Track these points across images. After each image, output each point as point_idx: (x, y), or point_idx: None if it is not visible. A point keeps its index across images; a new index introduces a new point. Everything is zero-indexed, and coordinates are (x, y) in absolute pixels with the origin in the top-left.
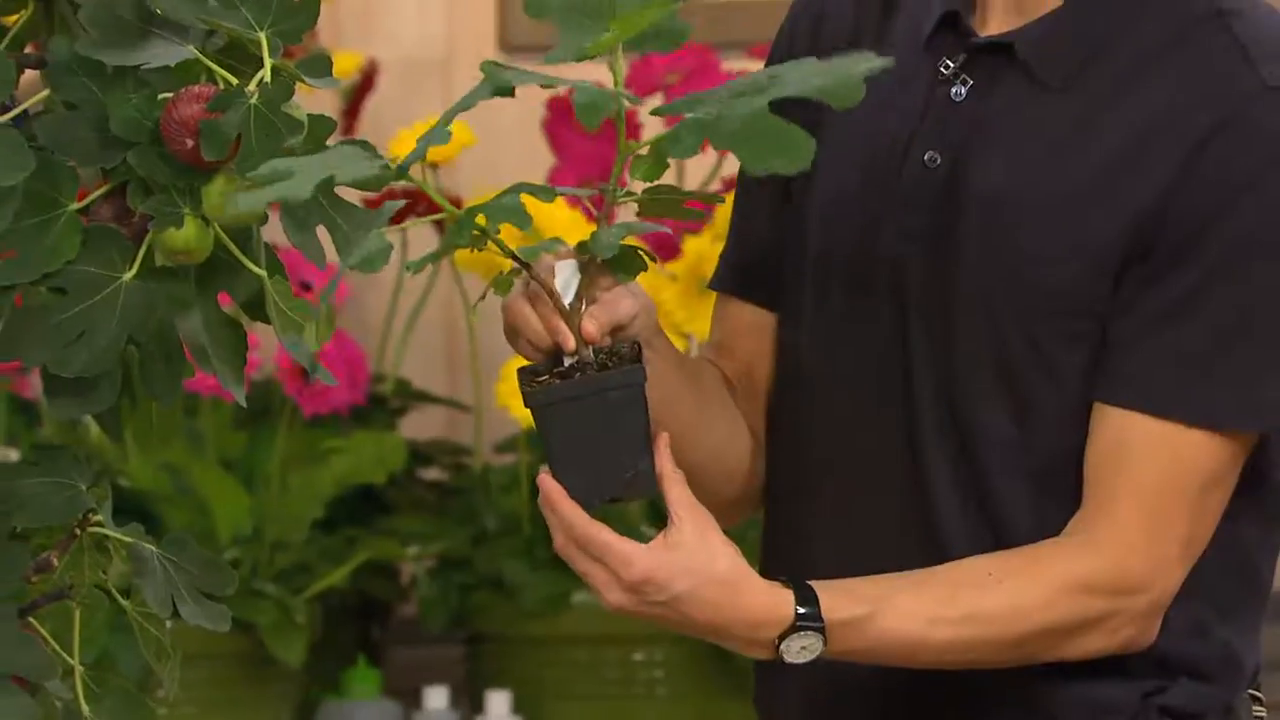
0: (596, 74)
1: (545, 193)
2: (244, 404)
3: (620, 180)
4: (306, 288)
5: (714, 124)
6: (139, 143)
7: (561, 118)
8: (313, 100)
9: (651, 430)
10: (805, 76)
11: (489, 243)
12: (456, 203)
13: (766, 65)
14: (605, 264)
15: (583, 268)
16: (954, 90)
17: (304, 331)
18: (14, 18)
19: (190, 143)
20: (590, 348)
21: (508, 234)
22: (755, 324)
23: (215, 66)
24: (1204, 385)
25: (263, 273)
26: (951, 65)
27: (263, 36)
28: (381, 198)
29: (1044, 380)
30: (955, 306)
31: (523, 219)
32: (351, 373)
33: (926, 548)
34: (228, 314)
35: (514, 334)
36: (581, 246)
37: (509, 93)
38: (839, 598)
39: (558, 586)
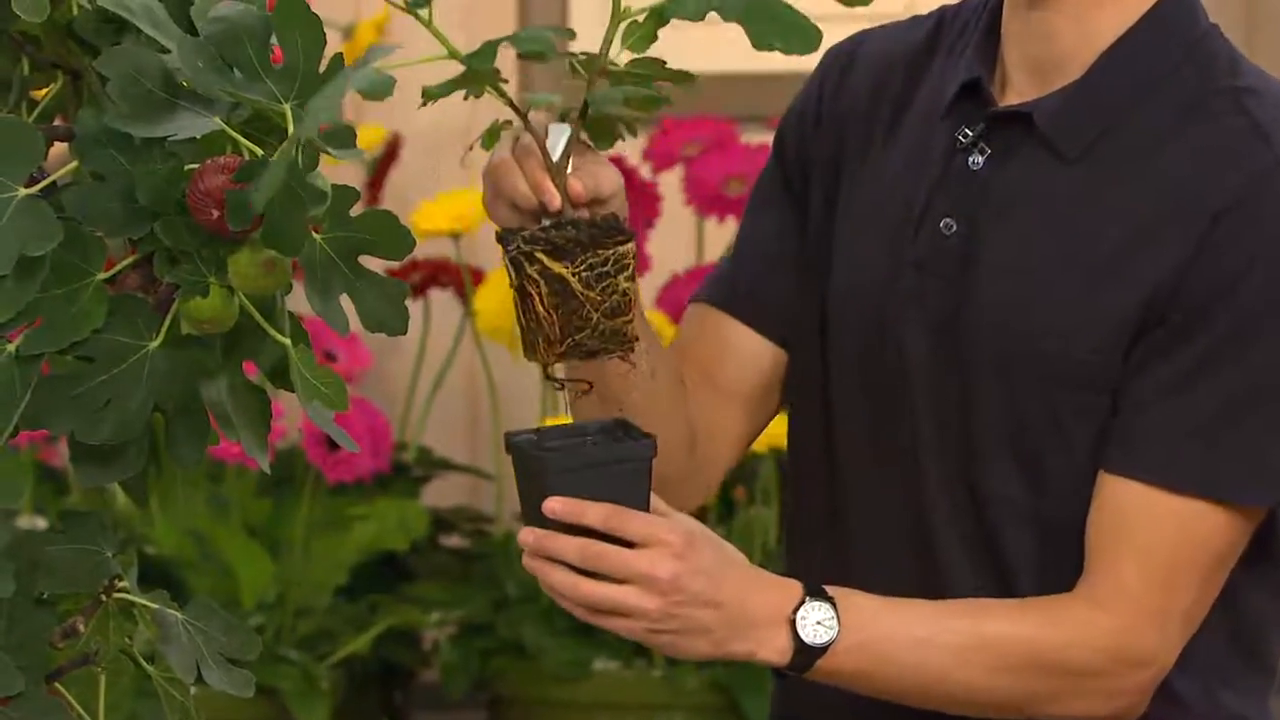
0: None
1: (565, 32)
2: (268, 471)
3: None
4: (330, 356)
5: None
6: (165, 213)
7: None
8: (337, 171)
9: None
10: None
11: (489, 89)
12: (478, 275)
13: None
14: (586, 128)
15: (571, 134)
16: (971, 159)
17: (326, 400)
18: (44, 91)
19: (216, 213)
20: (573, 211)
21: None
22: (736, 339)
23: (241, 138)
24: (1211, 457)
25: (287, 341)
26: (970, 134)
27: (288, 108)
28: (405, 269)
29: (1056, 448)
30: (968, 373)
31: (549, 48)
32: (375, 440)
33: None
34: (252, 382)
35: (495, 196)
36: (566, 112)
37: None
38: (849, 590)
39: (578, 652)
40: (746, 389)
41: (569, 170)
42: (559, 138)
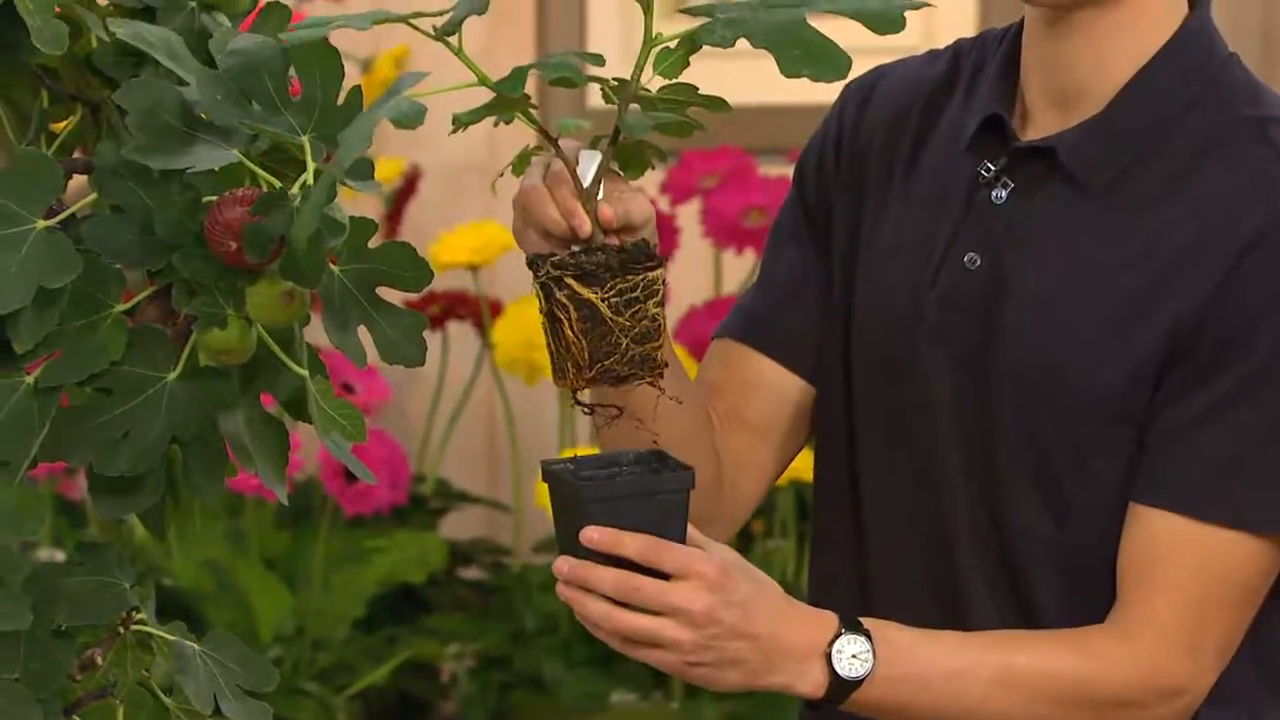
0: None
1: (594, 58)
2: (286, 503)
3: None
4: (348, 388)
5: (750, 22)
6: (184, 245)
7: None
8: (355, 203)
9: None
10: (838, 1)
11: (520, 115)
12: (496, 307)
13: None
14: (616, 156)
15: (602, 160)
16: (995, 193)
17: (343, 432)
18: (62, 124)
19: (234, 245)
20: (603, 238)
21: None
22: (761, 373)
23: (259, 170)
24: (1239, 488)
25: (305, 373)
26: (993, 168)
27: (306, 140)
28: (423, 301)
29: (1080, 481)
30: (992, 407)
31: (577, 74)
32: (392, 473)
33: None
34: (270, 414)
35: (524, 223)
36: (597, 140)
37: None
38: (883, 623)
39: (596, 685)
40: (773, 423)
41: (599, 197)
42: (590, 164)
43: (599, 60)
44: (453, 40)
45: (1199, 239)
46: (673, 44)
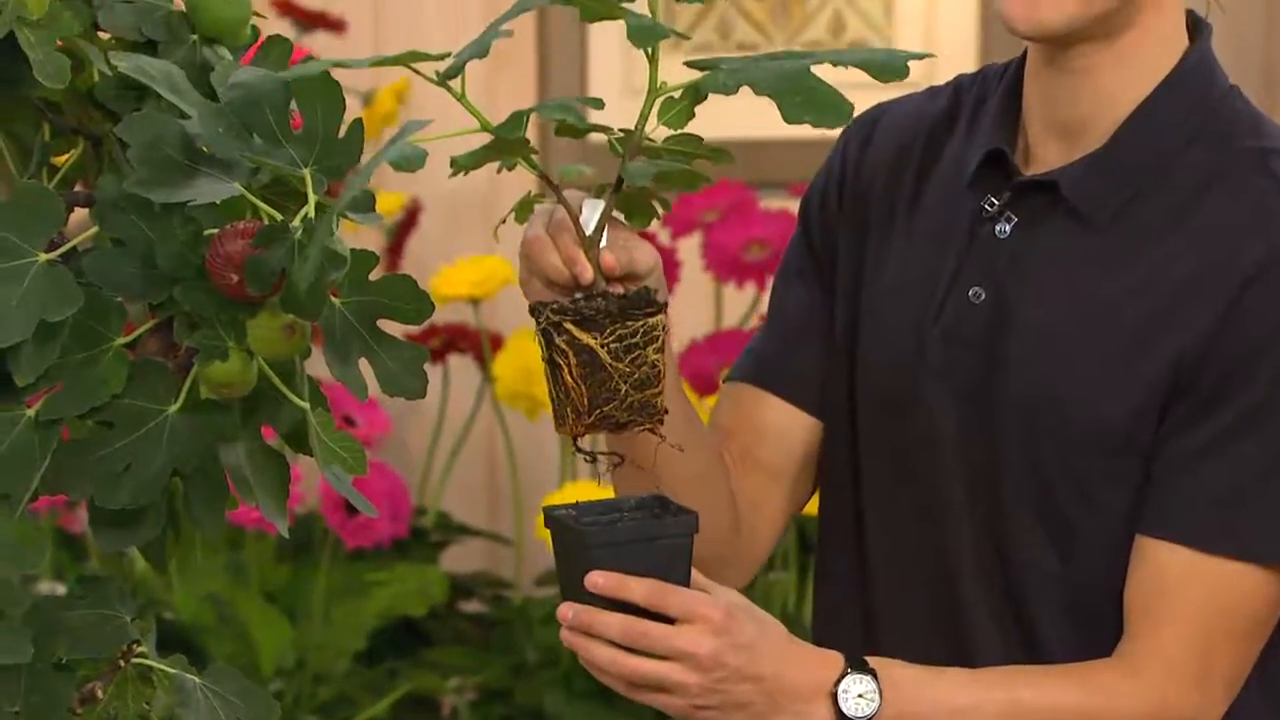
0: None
1: (594, 102)
2: (287, 536)
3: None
4: (349, 421)
5: (753, 71)
6: (185, 278)
7: None
8: (357, 236)
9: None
10: (842, 53)
11: (522, 162)
12: (497, 340)
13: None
14: (621, 205)
15: (605, 208)
16: (998, 227)
17: (344, 464)
18: (64, 157)
19: (235, 277)
20: (607, 285)
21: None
22: (772, 414)
23: (260, 203)
24: (1243, 520)
25: (305, 405)
26: (996, 203)
27: (307, 173)
28: (424, 334)
29: (1087, 516)
30: (996, 440)
31: (577, 118)
32: (393, 505)
33: None
34: (271, 446)
35: (528, 272)
36: (601, 188)
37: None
38: (888, 661)
39: (598, 718)
40: (786, 463)
41: (603, 244)
42: (593, 212)
43: (598, 104)
44: (454, 85)
45: (1201, 271)
46: (677, 93)
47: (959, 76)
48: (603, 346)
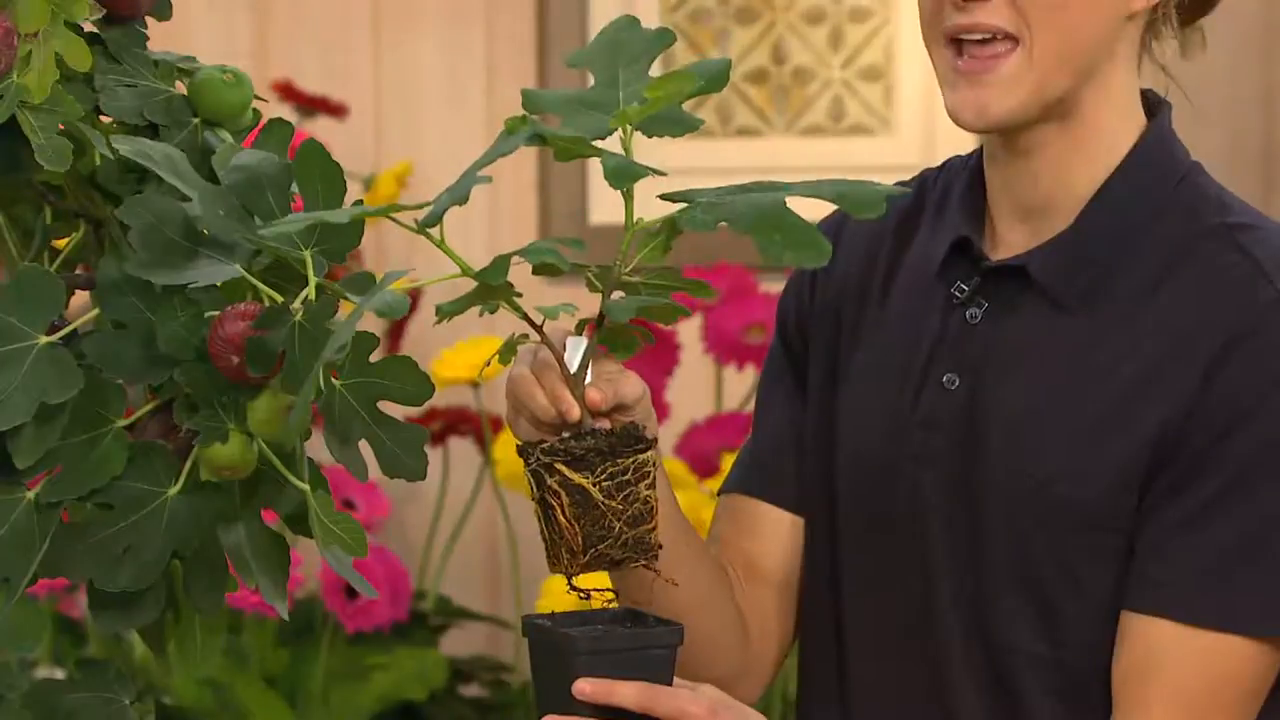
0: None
1: (573, 243)
2: (286, 619)
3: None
4: (349, 504)
5: (730, 206)
6: (186, 360)
7: None
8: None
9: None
10: (819, 185)
11: (506, 302)
12: (497, 423)
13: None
14: (604, 339)
15: (588, 345)
16: (969, 313)
17: (345, 546)
18: (65, 240)
19: (236, 359)
20: (595, 420)
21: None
22: (767, 521)
23: (261, 285)
24: (1229, 591)
25: (306, 487)
26: (966, 289)
27: (307, 255)
28: (425, 417)
29: (1072, 595)
30: (979, 524)
31: (560, 261)
32: (393, 589)
33: None
34: (271, 528)
35: (515, 411)
36: (582, 324)
37: (541, 141)
38: None
39: None
40: (789, 568)
41: (588, 379)
42: (576, 350)
43: (579, 245)
44: (434, 232)
45: (1176, 348)
46: (655, 228)
47: (924, 170)
48: (595, 485)
